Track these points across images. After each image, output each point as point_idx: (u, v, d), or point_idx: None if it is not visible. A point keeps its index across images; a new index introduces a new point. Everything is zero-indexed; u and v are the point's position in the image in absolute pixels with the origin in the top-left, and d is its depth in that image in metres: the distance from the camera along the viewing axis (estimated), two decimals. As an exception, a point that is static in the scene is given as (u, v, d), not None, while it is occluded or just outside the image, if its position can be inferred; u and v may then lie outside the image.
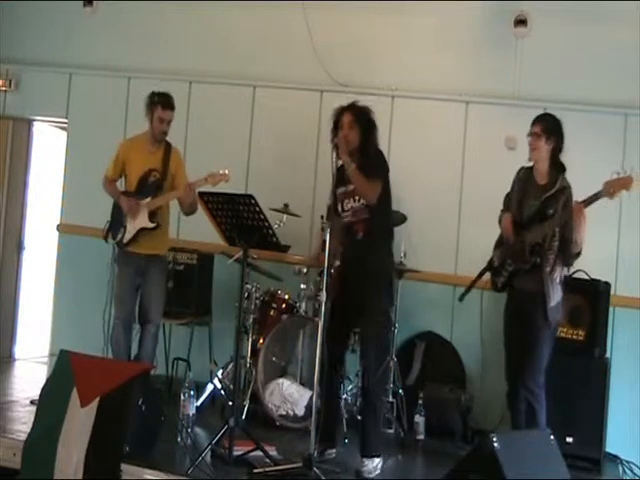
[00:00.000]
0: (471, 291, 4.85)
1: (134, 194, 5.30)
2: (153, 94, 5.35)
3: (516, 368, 4.62)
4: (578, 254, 4.54)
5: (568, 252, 4.51)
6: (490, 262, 4.86)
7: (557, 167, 4.63)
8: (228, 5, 6.55)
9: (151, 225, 5.24)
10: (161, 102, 5.27)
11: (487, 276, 5.55)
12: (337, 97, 5.37)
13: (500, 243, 4.81)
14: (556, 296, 4.54)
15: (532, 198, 4.63)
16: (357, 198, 4.66)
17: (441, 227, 6.06)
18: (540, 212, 4.55)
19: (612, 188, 4.21)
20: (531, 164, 4.72)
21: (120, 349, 5.29)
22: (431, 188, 6.08)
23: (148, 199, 5.24)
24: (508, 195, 4.82)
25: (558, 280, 4.56)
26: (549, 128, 4.60)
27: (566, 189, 4.54)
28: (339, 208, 4.72)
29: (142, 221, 5.23)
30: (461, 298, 4.93)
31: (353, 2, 6.19)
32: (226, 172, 5.01)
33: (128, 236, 5.26)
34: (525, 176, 4.73)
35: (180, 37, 6.78)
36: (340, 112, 4.72)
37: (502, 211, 4.84)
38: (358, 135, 4.64)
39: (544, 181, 4.63)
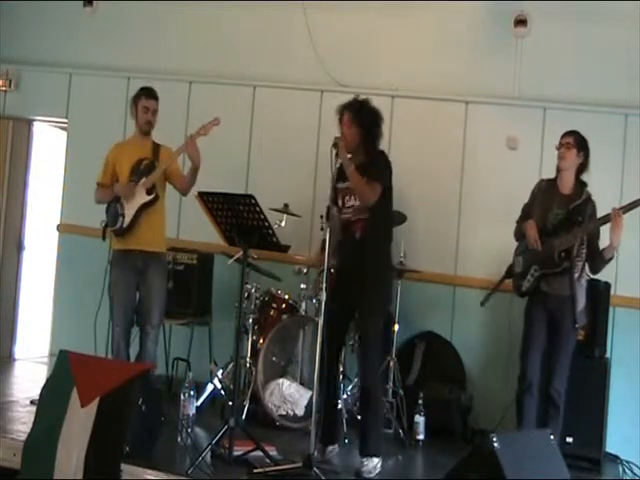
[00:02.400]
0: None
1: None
2: (137, 90, 5.43)
3: (538, 369, 4.70)
4: (610, 259, 4.66)
5: (598, 261, 4.67)
6: (510, 269, 4.92)
7: (580, 182, 4.76)
8: (228, 5, 6.54)
9: (149, 197, 5.18)
10: (144, 93, 5.35)
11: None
12: (337, 97, 5.36)
13: (522, 250, 4.85)
14: (583, 300, 4.67)
15: (556, 207, 4.73)
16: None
17: (441, 227, 6.06)
18: (568, 220, 4.65)
19: None
20: (551, 176, 4.83)
21: (120, 356, 5.22)
22: (431, 188, 6.08)
23: (143, 180, 5.20)
24: (527, 206, 4.90)
25: (584, 285, 4.70)
26: (580, 143, 4.71)
27: (591, 200, 4.69)
28: (340, 203, 4.71)
29: (140, 197, 5.18)
30: (482, 303, 5.00)
31: (353, 2, 6.19)
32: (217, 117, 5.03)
33: (127, 219, 5.19)
34: (547, 187, 4.83)
35: (180, 37, 6.78)
36: (341, 110, 4.72)
37: (518, 222, 4.91)
38: (357, 133, 4.63)
39: (568, 191, 4.75)
